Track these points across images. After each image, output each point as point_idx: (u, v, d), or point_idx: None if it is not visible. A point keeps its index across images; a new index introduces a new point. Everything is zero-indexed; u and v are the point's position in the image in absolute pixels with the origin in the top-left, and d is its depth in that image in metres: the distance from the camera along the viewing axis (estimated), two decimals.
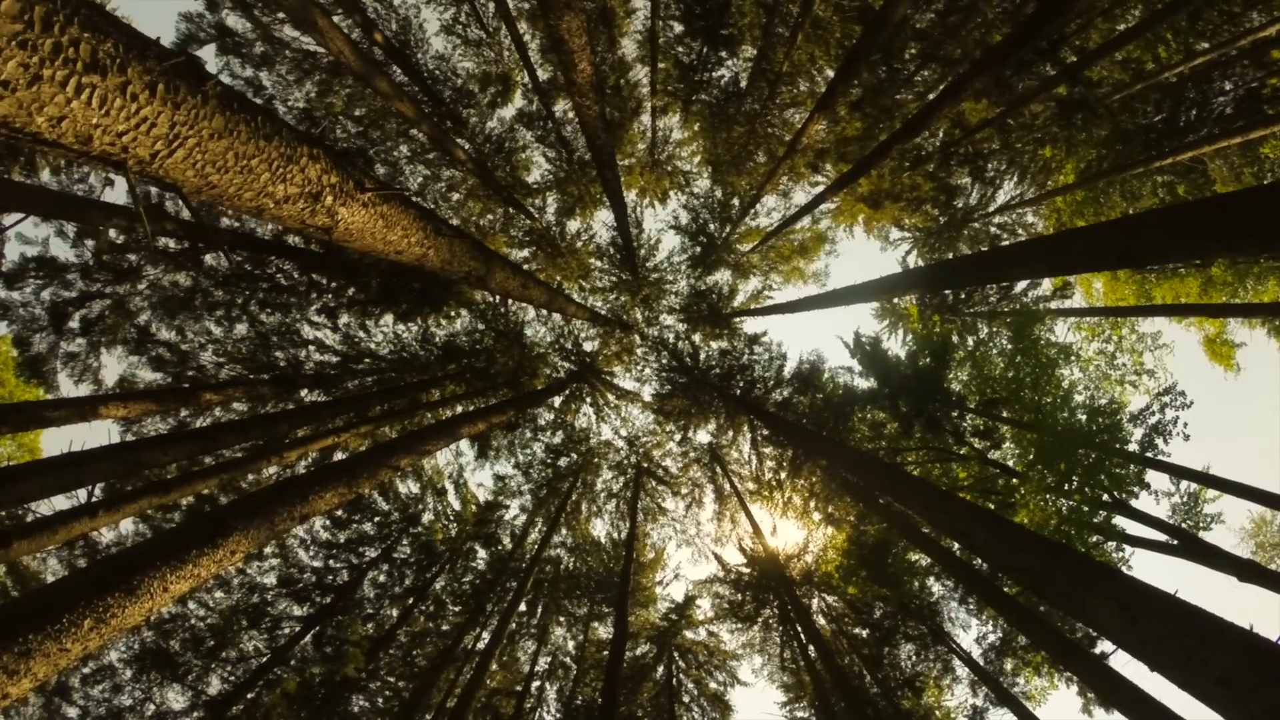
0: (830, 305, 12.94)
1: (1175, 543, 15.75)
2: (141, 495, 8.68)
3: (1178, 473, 14.59)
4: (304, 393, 16.91)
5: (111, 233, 14.16)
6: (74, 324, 13.72)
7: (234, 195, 4.00)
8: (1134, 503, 16.08)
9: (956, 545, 15.50)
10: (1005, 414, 17.61)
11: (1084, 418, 15.80)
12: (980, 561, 14.96)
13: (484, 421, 12.75)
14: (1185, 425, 13.74)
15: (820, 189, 17.68)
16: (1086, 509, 15.51)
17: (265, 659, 15.77)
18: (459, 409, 19.18)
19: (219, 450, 10.72)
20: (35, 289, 13.30)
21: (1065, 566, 5.53)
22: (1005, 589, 13.94)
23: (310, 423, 12.51)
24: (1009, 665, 18.10)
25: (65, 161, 13.62)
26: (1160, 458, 14.32)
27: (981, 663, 18.70)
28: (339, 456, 17.47)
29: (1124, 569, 16.28)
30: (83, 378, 14.08)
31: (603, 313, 22.01)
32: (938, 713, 19.52)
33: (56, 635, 4.44)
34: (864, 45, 11.51)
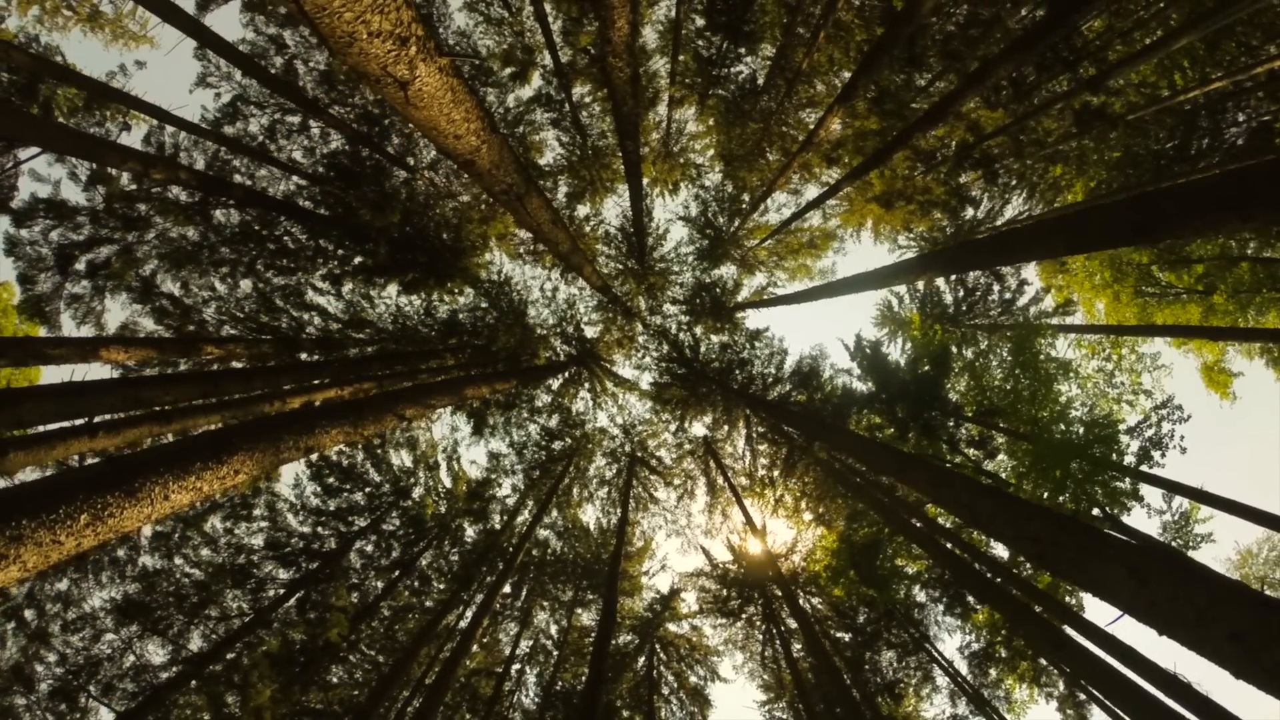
0: (840, 293, 12.95)
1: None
2: (142, 422, 8.65)
3: (1171, 488, 14.60)
4: (304, 355, 16.87)
5: (124, 178, 14.14)
6: (80, 267, 13.67)
7: (338, 10, 4.05)
8: (1126, 518, 16.13)
9: (949, 544, 15.49)
10: (1001, 424, 17.66)
11: (1081, 431, 15.84)
12: (976, 560, 14.93)
13: (488, 386, 12.72)
14: (1182, 439, 13.78)
15: (836, 180, 17.72)
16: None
17: (248, 619, 15.68)
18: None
19: (221, 395, 10.68)
20: (44, 229, 13.26)
21: (1072, 534, 5.55)
22: (999, 583, 13.91)
23: (312, 378, 12.48)
24: (992, 674, 18.10)
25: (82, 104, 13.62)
26: (1155, 472, 14.34)
27: (964, 671, 18.73)
28: None
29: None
30: (85, 320, 14.03)
31: (611, 290, 21.90)
32: None
33: (51, 525, 4.39)
34: (890, 37, 11.58)
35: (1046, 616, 13.05)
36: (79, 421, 8.36)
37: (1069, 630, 14.51)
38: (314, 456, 18.54)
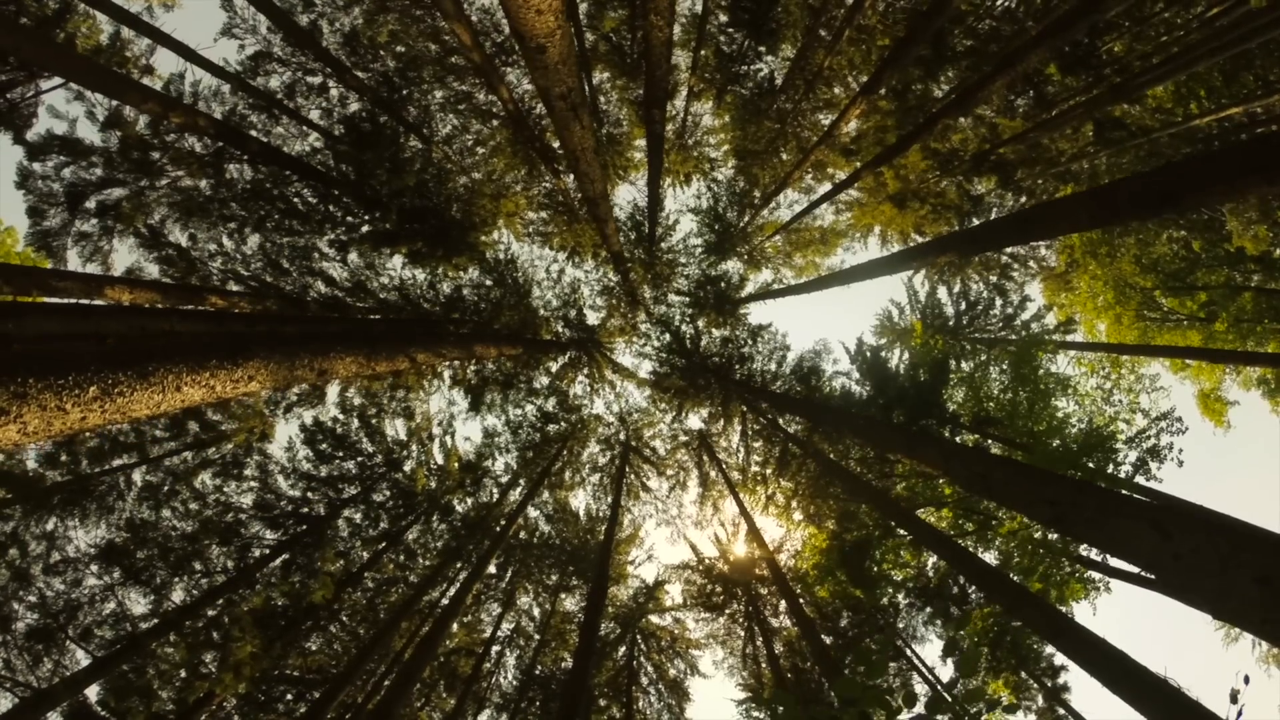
0: (854, 280, 12.94)
1: (1153, 576, 15.79)
2: (151, 340, 8.58)
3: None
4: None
5: (141, 122, 14.10)
6: (90, 205, 13.61)
7: None
8: None
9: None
10: (997, 434, 17.71)
11: (1075, 447, 15.88)
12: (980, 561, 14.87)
13: (496, 348, 12.68)
14: (1180, 451, 13.83)
15: (854, 171, 17.77)
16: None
17: (232, 577, 15.52)
18: (456, 362, 19.10)
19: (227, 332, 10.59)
20: (57, 165, 13.20)
21: (1091, 495, 5.54)
22: (997, 571, 13.87)
23: (320, 329, 12.42)
24: (974, 682, 18.04)
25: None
26: (1151, 485, 14.37)
27: (945, 679, 18.70)
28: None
29: (1102, 593, 16.37)
30: (93, 258, 13.94)
31: (624, 262, 21.69)
32: None
33: (58, 390, 4.28)
34: (918, 30, 11.64)
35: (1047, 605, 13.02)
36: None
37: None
38: (308, 420, 18.45)
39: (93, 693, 14.30)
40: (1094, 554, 16.12)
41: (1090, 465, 14.86)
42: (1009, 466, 6.57)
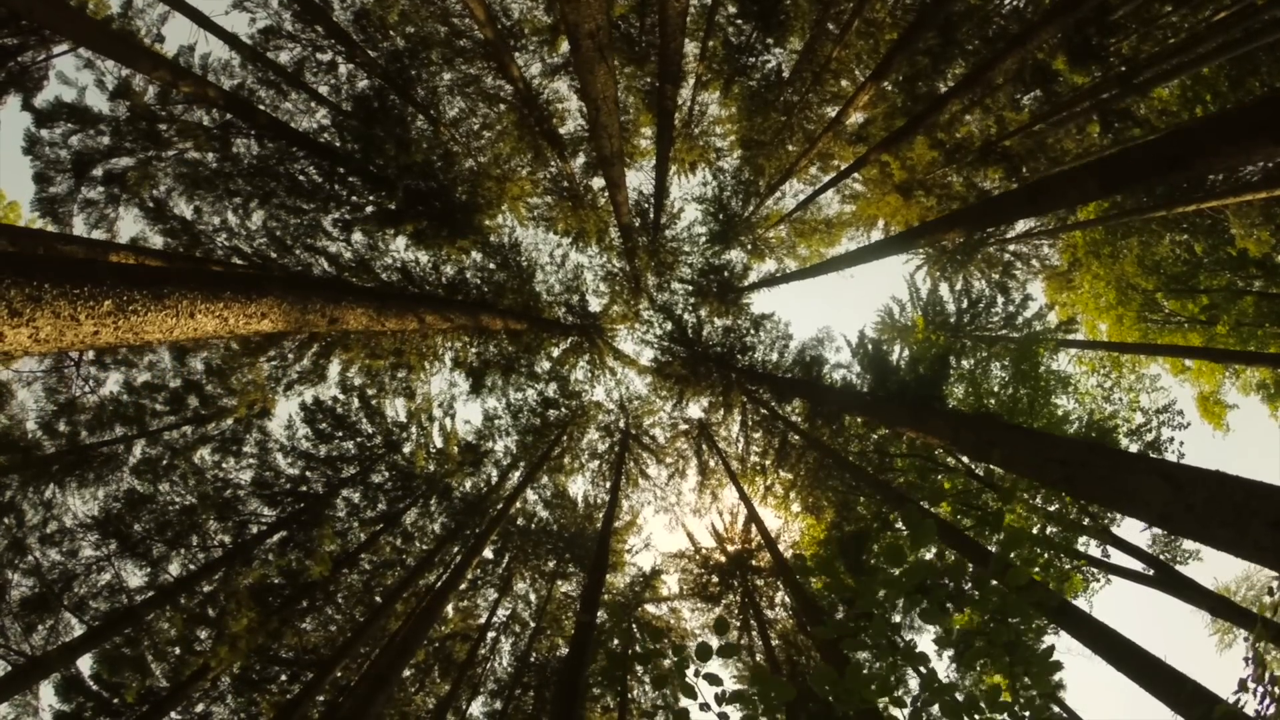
0: (861, 261, 12.95)
1: (1151, 573, 15.86)
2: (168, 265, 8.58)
3: None
4: None
5: (150, 92, 14.08)
6: (97, 173, 13.59)
7: None
8: (1115, 529, 16.18)
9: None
10: None
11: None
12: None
13: (502, 320, 12.68)
14: (1181, 444, 13.87)
15: (862, 154, 17.78)
16: (1070, 534, 15.60)
17: (229, 551, 15.47)
18: (458, 344, 19.09)
19: None
20: (65, 133, 13.19)
21: (1103, 455, 5.53)
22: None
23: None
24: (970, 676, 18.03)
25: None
26: None
27: (940, 673, 18.65)
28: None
29: (1103, 585, 16.37)
30: (98, 225, 13.90)
31: (634, 236, 21.62)
32: None
33: (74, 299, 4.27)
34: (927, 14, 11.67)
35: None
36: None
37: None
38: (309, 399, 18.41)
39: (86, 667, 14.26)
40: (1094, 549, 16.17)
41: None
42: (1017, 432, 6.57)
